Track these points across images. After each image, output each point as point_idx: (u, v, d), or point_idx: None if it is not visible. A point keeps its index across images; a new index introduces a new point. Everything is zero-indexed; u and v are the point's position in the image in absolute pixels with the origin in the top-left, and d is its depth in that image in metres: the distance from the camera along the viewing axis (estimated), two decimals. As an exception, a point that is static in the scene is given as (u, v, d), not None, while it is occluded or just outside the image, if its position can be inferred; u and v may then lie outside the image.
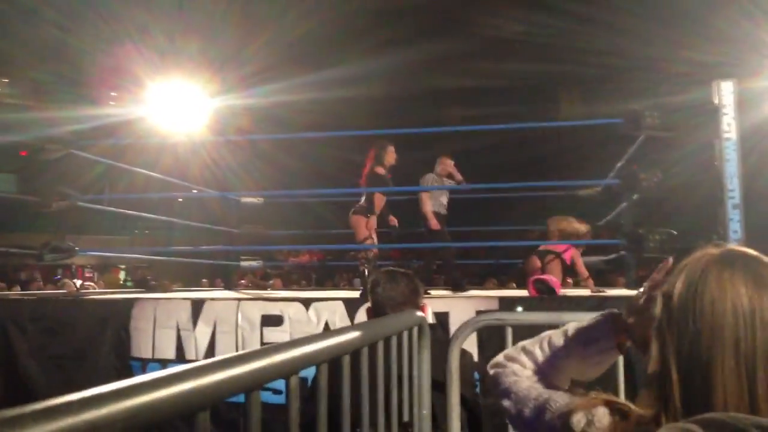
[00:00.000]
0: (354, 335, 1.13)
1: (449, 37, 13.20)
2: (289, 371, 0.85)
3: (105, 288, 9.60)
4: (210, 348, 3.91)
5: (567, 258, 5.36)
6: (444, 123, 13.43)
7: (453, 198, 5.98)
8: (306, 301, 3.89)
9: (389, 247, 7.24)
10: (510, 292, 6.69)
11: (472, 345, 3.24)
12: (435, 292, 5.44)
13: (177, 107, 9.18)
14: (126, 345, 4.03)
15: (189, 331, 3.95)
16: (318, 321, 3.79)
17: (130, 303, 4.14)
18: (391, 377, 1.45)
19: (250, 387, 0.74)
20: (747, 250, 0.81)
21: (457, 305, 3.73)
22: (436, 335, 1.98)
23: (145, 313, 4.05)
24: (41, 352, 4.10)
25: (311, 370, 0.96)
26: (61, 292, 6.88)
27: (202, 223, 7.05)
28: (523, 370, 1.06)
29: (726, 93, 4.19)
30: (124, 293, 5.95)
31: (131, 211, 6.40)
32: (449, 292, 5.25)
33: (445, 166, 5.75)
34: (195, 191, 7.29)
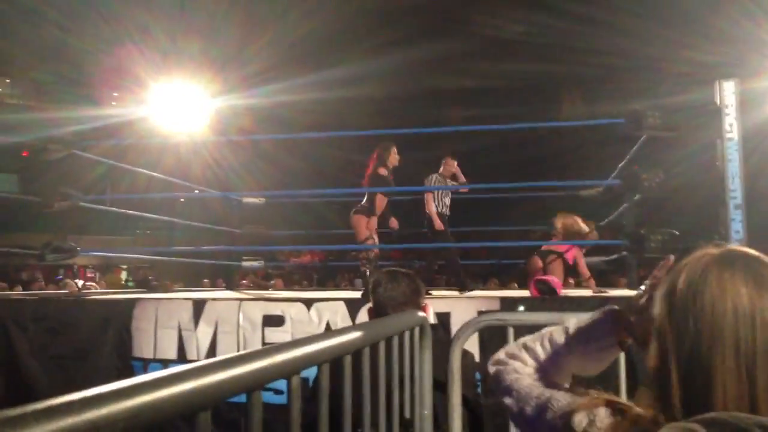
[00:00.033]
0: (355, 335, 1.13)
1: (450, 38, 13.20)
2: (291, 371, 0.85)
3: (106, 288, 9.60)
4: (211, 348, 3.91)
5: (569, 258, 5.34)
6: (445, 123, 13.42)
7: (455, 198, 5.98)
8: (307, 302, 3.89)
9: (391, 248, 7.24)
10: (511, 292, 6.68)
11: (473, 345, 3.23)
12: (436, 292, 5.43)
13: (179, 107, 9.20)
14: (127, 345, 4.03)
15: (190, 332, 3.95)
16: (319, 321, 3.79)
17: (131, 303, 4.14)
18: (393, 377, 1.45)
19: (251, 387, 0.74)
20: (747, 249, 0.81)
21: (459, 305, 3.72)
22: (437, 335, 1.97)
23: (147, 314, 4.05)
24: (43, 352, 4.10)
25: (312, 370, 0.96)
26: (63, 292, 6.89)
27: (203, 224, 7.05)
28: (525, 367, 1.06)
29: (728, 93, 4.17)
30: (125, 293, 5.95)
31: (133, 212, 6.41)
32: (450, 292, 5.25)
33: (449, 166, 5.77)
34: (197, 191, 7.30)
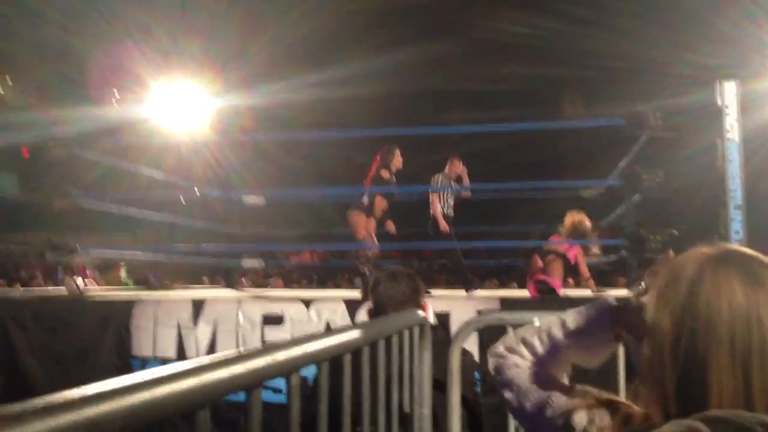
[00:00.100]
0: (355, 334, 1.13)
1: (450, 39, 13.18)
2: (290, 370, 0.85)
3: (106, 287, 9.59)
4: (211, 347, 3.91)
5: (571, 257, 5.32)
6: (445, 124, 13.40)
7: (456, 198, 5.97)
8: (307, 301, 3.89)
9: (393, 247, 7.23)
10: (511, 292, 6.68)
11: (473, 345, 3.23)
12: (436, 291, 5.43)
13: (180, 107, 9.19)
14: (127, 344, 4.04)
15: (190, 330, 3.95)
16: (319, 320, 3.80)
17: (131, 302, 4.14)
18: (392, 376, 1.45)
19: (250, 385, 0.74)
20: (742, 248, 0.81)
21: (458, 305, 3.73)
22: (437, 335, 1.97)
23: (146, 312, 4.05)
24: (42, 350, 4.10)
25: (312, 368, 0.96)
26: (62, 290, 6.89)
27: (204, 223, 7.05)
28: (524, 361, 1.07)
29: (729, 93, 4.16)
30: (125, 292, 5.95)
31: (133, 210, 6.40)
32: (450, 291, 5.25)
33: (455, 167, 5.76)
34: (197, 191, 7.28)
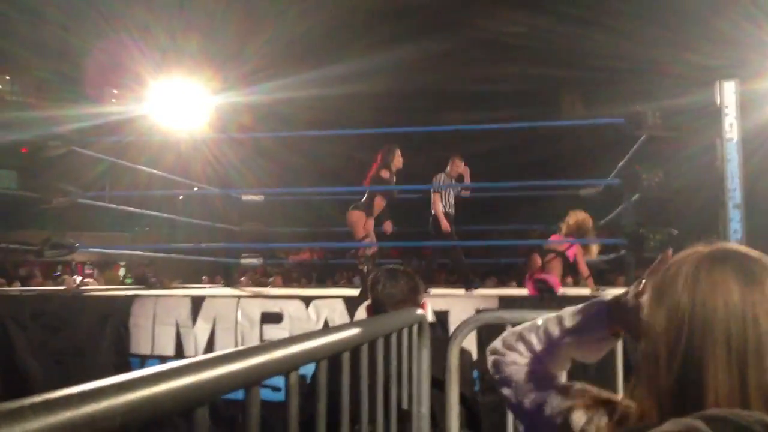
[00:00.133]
0: (354, 332, 1.12)
1: (449, 38, 13.18)
2: (289, 367, 0.85)
3: (105, 285, 9.59)
4: (209, 345, 3.91)
5: (570, 255, 5.31)
6: (445, 123, 13.40)
7: (455, 197, 5.97)
8: (306, 299, 3.89)
9: (393, 246, 7.23)
10: (510, 290, 6.69)
11: (471, 343, 3.23)
12: (435, 290, 5.44)
13: (179, 105, 9.18)
14: (125, 342, 4.03)
15: (188, 328, 3.95)
16: (318, 318, 3.80)
17: (129, 300, 4.14)
18: (391, 375, 1.45)
19: (249, 383, 0.74)
20: (738, 246, 0.81)
21: (457, 304, 3.73)
22: (435, 333, 1.97)
23: (145, 310, 4.05)
24: (41, 348, 4.10)
25: (310, 367, 0.96)
26: (61, 288, 6.89)
27: (203, 221, 7.04)
28: (522, 358, 1.07)
29: (728, 93, 4.16)
30: (123, 290, 5.95)
31: (132, 208, 6.40)
32: (449, 290, 5.25)
33: (456, 166, 5.75)
34: (196, 189, 7.28)
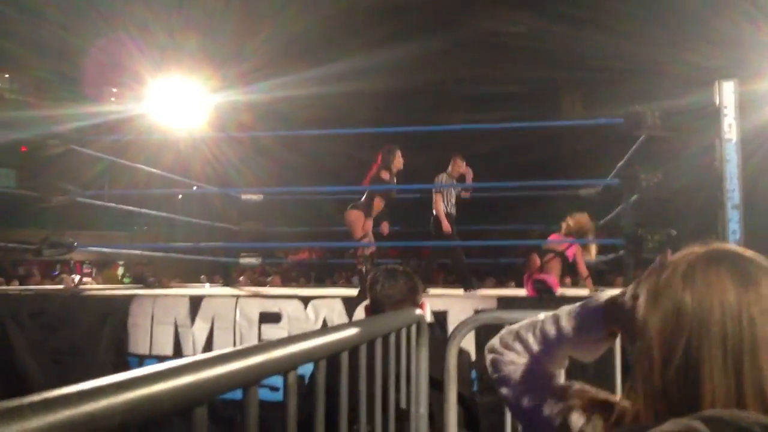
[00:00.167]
0: (352, 332, 1.12)
1: (449, 37, 13.16)
2: (287, 367, 0.85)
3: (103, 284, 9.59)
4: (208, 345, 3.91)
5: (570, 255, 5.31)
6: (445, 123, 13.39)
7: (455, 198, 5.97)
8: (304, 299, 3.89)
9: (390, 245, 7.23)
10: (509, 291, 6.69)
11: (470, 344, 3.23)
12: (434, 290, 5.44)
13: (178, 104, 9.17)
14: (124, 341, 4.03)
15: (187, 328, 3.95)
16: (316, 318, 3.80)
17: (128, 299, 4.14)
18: (389, 375, 1.45)
19: (248, 382, 0.74)
20: (733, 246, 0.81)
21: (456, 304, 3.73)
22: (434, 334, 1.97)
23: (144, 310, 4.05)
24: (39, 347, 4.09)
25: (308, 367, 0.96)
26: (59, 287, 6.89)
27: (202, 220, 7.04)
28: (520, 358, 1.07)
29: (727, 93, 4.16)
30: (122, 289, 5.95)
31: (131, 207, 6.40)
32: (448, 290, 5.25)
33: (458, 166, 5.75)
34: (195, 188, 7.28)
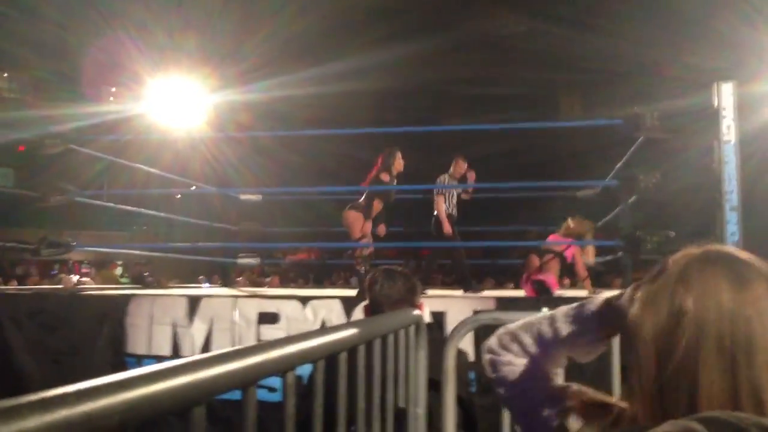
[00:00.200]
0: (351, 332, 1.12)
1: (449, 36, 13.16)
2: (286, 367, 0.85)
3: (101, 284, 9.57)
4: (206, 345, 3.90)
5: (569, 255, 5.30)
6: (444, 125, 13.38)
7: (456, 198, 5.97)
8: (303, 299, 3.88)
9: (389, 246, 7.23)
10: (507, 292, 6.69)
11: (468, 344, 3.23)
12: (433, 291, 5.44)
13: (176, 103, 9.17)
14: (122, 341, 4.02)
15: (185, 328, 3.94)
16: (315, 319, 3.79)
17: (126, 299, 4.13)
18: (388, 375, 1.45)
19: (246, 382, 0.73)
20: (728, 248, 0.81)
21: (454, 305, 3.73)
22: (432, 334, 1.97)
23: (142, 310, 4.04)
24: (38, 347, 4.09)
25: (307, 367, 0.96)
26: (58, 287, 6.88)
27: (200, 220, 7.04)
28: (518, 358, 1.07)
29: (726, 95, 4.16)
30: (120, 289, 5.94)
31: (130, 207, 6.39)
32: (447, 291, 5.25)
33: (459, 167, 5.74)
34: (194, 188, 7.28)
